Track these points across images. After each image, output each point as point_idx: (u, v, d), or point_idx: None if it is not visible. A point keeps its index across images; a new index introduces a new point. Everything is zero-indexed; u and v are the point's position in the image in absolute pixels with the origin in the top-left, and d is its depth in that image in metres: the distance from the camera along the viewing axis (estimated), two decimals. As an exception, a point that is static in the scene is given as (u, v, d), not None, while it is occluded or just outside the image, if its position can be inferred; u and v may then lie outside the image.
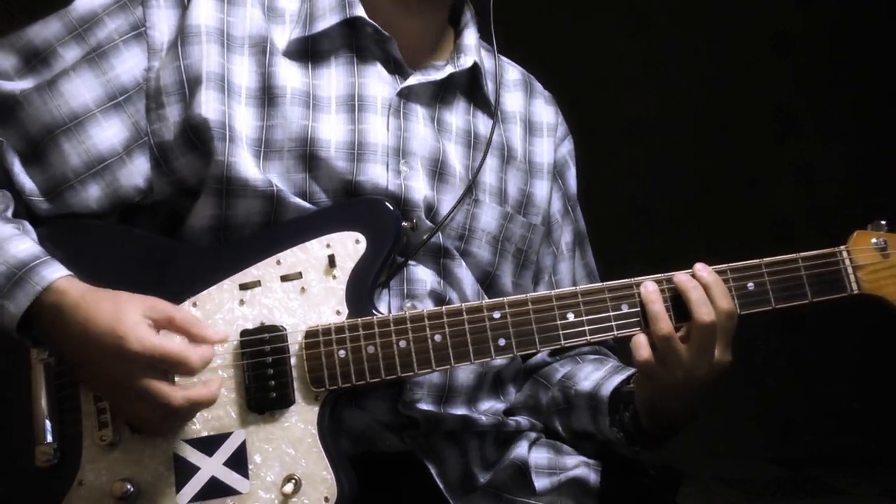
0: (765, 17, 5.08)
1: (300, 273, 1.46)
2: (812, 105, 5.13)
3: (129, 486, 1.38)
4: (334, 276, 1.46)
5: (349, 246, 1.47)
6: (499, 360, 1.60)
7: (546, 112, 1.78)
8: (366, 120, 1.54)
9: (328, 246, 1.46)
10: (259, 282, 1.45)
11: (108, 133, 1.48)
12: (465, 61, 1.63)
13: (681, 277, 1.45)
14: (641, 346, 1.44)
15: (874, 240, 1.51)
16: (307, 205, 1.49)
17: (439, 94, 1.63)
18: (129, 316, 1.33)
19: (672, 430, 1.55)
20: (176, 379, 1.37)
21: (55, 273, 1.37)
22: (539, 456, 1.63)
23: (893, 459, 4.46)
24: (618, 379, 1.60)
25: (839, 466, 4.55)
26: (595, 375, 1.64)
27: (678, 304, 1.44)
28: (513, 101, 1.74)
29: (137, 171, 1.49)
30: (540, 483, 1.60)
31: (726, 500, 4.17)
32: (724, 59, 5.02)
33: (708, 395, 1.49)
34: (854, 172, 5.00)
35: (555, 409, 1.68)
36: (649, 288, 1.45)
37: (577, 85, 4.41)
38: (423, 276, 1.54)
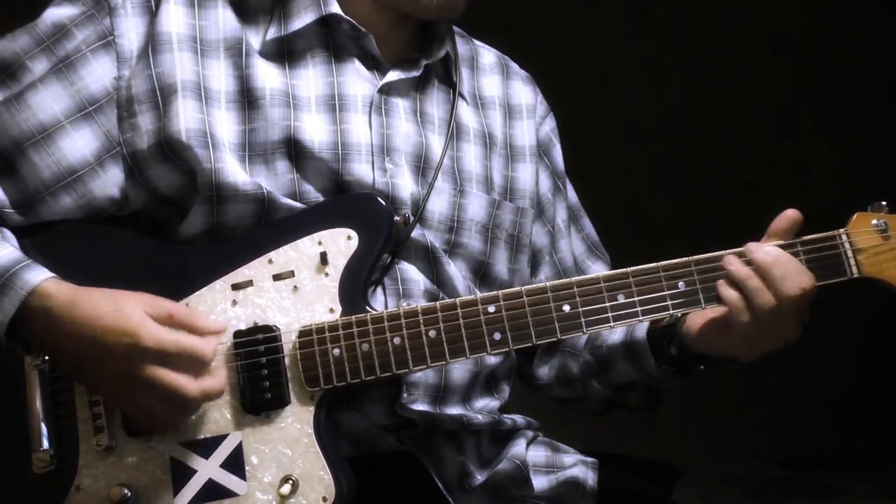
0: (763, 17, 5.09)
1: (292, 272, 1.45)
2: (811, 105, 5.13)
3: (126, 491, 1.38)
4: (327, 274, 1.45)
5: (341, 242, 1.46)
6: (493, 359, 1.60)
7: (524, 93, 1.77)
8: (347, 119, 1.54)
9: (320, 243, 1.46)
10: (251, 281, 1.45)
11: (79, 144, 1.47)
12: (439, 51, 1.63)
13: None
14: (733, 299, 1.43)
15: (875, 221, 1.48)
16: (298, 205, 1.48)
17: (419, 86, 1.63)
18: (134, 312, 1.33)
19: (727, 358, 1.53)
20: None
21: (38, 276, 1.36)
22: (537, 454, 1.62)
23: (893, 459, 4.46)
24: (645, 323, 1.58)
25: (838, 466, 4.55)
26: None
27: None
28: (490, 85, 1.73)
29: (111, 182, 1.48)
30: (538, 482, 1.59)
31: (725, 499, 4.17)
32: (723, 60, 5.02)
33: (708, 395, 1.48)
34: (853, 173, 4.99)
35: (590, 373, 1.68)
36: (736, 264, 1.44)
37: (576, 85, 4.43)
38: (416, 275, 1.54)
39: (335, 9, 1.55)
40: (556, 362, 1.74)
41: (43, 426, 1.39)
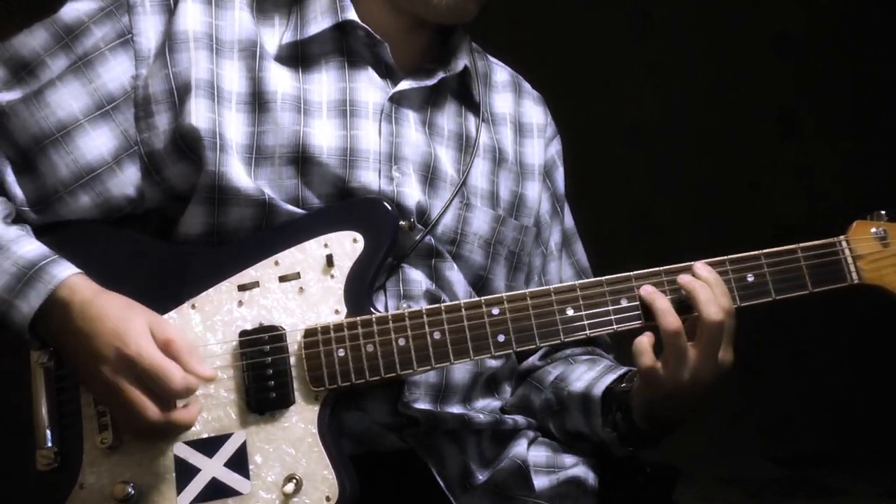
0: (766, 19, 5.09)
1: (298, 273, 1.46)
2: (813, 106, 5.12)
3: (129, 489, 1.38)
4: (332, 276, 1.46)
5: (347, 245, 1.47)
6: (494, 361, 1.61)
7: (535, 112, 1.78)
8: (358, 126, 1.54)
9: (326, 246, 1.47)
10: (257, 283, 1.46)
11: (97, 142, 1.48)
12: (456, 65, 1.63)
13: (685, 278, 1.44)
14: (644, 351, 1.43)
15: (874, 229, 1.50)
16: (300, 211, 1.49)
17: (431, 98, 1.63)
18: (136, 323, 1.35)
19: (667, 430, 1.54)
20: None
21: (66, 271, 1.38)
22: (538, 454, 1.63)
23: (893, 459, 4.46)
24: (610, 378, 1.60)
25: (838, 466, 4.55)
26: (587, 376, 1.65)
27: (681, 306, 1.43)
28: (502, 102, 1.74)
29: (128, 181, 1.49)
30: (539, 481, 1.60)
31: (726, 499, 4.17)
32: (726, 61, 5.01)
33: (708, 394, 1.48)
34: (856, 174, 4.99)
35: (548, 412, 1.68)
36: (648, 289, 1.44)
37: (579, 87, 4.43)
38: (417, 277, 1.55)
39: (351, 15, 1.56)
40: (521, 392, 1.74)
41: (47, 424, 1.40)
